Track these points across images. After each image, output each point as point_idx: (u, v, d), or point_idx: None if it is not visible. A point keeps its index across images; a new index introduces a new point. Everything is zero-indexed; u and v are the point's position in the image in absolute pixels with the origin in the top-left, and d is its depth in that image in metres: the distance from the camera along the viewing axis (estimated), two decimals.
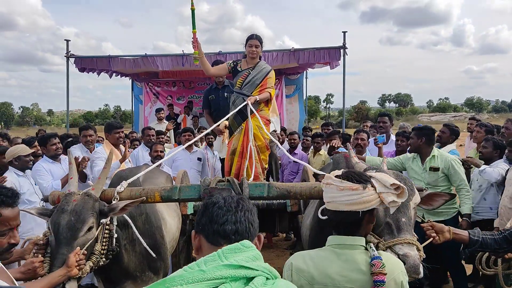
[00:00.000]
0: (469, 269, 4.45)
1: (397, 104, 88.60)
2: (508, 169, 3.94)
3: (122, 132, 4.90)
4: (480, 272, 2.76)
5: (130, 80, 11.59)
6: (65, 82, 9.44)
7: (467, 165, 4.55)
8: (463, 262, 4.10)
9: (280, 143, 6.14)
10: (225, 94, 5.43)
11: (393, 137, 5.63)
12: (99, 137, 6.19)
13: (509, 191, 3.61)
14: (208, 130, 4.32)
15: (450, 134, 5.25)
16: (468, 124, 6.86)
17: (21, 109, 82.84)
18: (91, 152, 4.93)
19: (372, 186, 1.81)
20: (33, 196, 4.21)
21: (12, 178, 4.07)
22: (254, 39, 4.36)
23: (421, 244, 2.13)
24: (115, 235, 2.51)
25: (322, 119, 67.27)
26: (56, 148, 4.65)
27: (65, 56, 9.17)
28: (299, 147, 6.60)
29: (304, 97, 11.69)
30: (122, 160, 4.54)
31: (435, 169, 4.10)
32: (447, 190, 3.97)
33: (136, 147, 6.58)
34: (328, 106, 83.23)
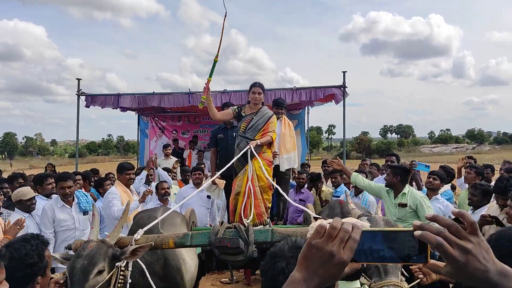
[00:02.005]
0: None
1: (398, 135, 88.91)
2: None
3: (133, 173, 5.17)
4: None
5: (137, 114, 11.91)
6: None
7: None
8: None
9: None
10: (234, 134, 5.52)
11: None
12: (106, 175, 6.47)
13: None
14: (215, 177, 4.50)
15: (446, 176, 5.48)
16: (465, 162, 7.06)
17: (25, 139, 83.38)
18: (69, 206, 4.50)
19: None
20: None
21: None
22: (257, 87, 4.65)
23: (409, 283, 2.36)
24: (129, 281, 2.64)
25: (324, 149, 67.43)
26: (52, 187, 4.81)
27: (76, 94, 9.49)
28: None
29: (306, 130, 11.98)
30: (141, 200, 4.86)
31: (403, 205, 4.30)
32: None
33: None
34: (330, 137, 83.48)
